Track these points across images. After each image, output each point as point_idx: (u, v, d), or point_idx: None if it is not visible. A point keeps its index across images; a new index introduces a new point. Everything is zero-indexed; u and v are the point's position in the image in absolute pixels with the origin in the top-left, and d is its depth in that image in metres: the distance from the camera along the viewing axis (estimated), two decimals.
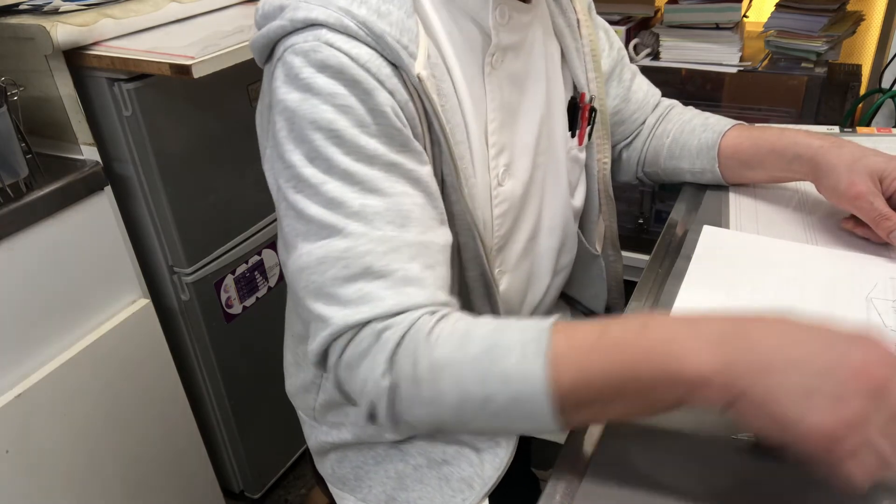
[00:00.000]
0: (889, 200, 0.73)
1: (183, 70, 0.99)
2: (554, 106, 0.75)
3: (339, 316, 0.54)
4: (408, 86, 0.58)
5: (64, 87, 1.04)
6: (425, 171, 0.59)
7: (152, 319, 1.22)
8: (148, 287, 1.22)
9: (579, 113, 0.78)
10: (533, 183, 0.72)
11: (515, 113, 0.70)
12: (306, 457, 0.93)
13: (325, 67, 0.55)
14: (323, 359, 0.58)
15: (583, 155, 0.81)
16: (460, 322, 0.54)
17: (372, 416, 0.56)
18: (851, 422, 0.43)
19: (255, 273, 1.38)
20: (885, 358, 0.45)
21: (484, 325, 0.53)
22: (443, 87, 0.61)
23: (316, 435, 0.82)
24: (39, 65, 1.02)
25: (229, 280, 1.32)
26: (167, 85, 1.11)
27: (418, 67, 0.57)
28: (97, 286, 1.12)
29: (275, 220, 1.39)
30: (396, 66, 0.57)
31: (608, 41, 0.88)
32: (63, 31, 1.00)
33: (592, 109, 0.79)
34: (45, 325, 1.05)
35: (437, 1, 0.63)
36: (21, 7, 1.08)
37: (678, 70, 1.60)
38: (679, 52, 1.59)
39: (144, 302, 1.20)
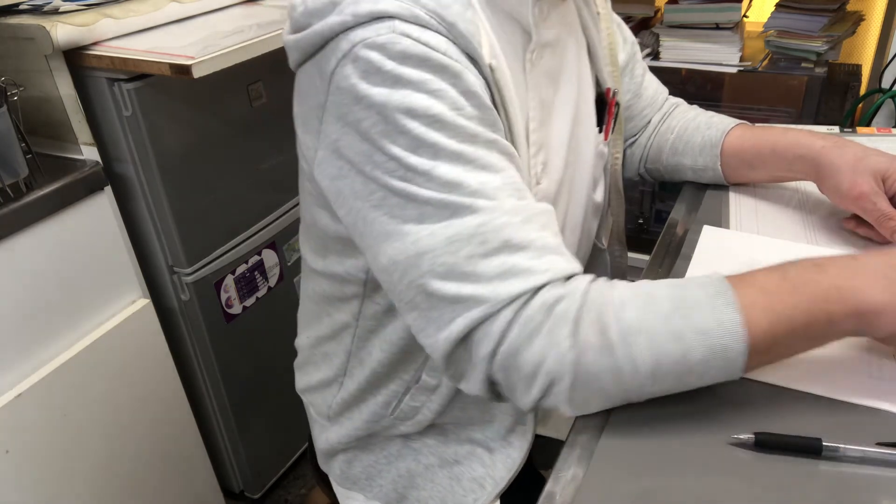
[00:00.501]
0: (892, 200, 0.73)
1: (183, 70, 0.99)
2: (583, 102, 0.75)
3: (487, 292, 0.52)
4: (480, 74, 0.57)
5: (64, 87, 1.04)
6: (513, 149, 0.59)
7: (152, 319, 1.22)
8: (148, 287, 1.22)
9: (606, 108, 0.78)
10: (563, 181, 0.72)
11: (551, 111, 0.69)
12: (306, 457, 0.93)
13: (407, 58, 0.53)
14: (458, 346, 0.55)
15: (606, 150, 0.82)
16: (632, 286, 0.54)
17: (543, 398, 0.54)
18: None
19: (255, 273, 1.38)
20: None
21: (661, 286, 0.54)
22: (505, 78, 0.60)
23: (326, 436, 0.82)
24: (39, 65, 1.02)
25: (229, 280, 1.32)
26: (167, 85, 1.11)
27: (488, 58, 0.56)
28: (97, 286, 1.12)
29: (275, 219, 1.39)
30: (468, 56, 0.56)
31: (621, 35, 0.88)
32: (63, 31, 1.00)
33: (617, 104, 0.80)
34: (45, 325, 1.05)
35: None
36: (21, 7, 1.08)
37: (678, 70, 1.60)
38: (679, 52, 1.59)
39: (144, 302, 1.20)
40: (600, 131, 0.79)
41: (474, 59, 0.56)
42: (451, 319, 0.53)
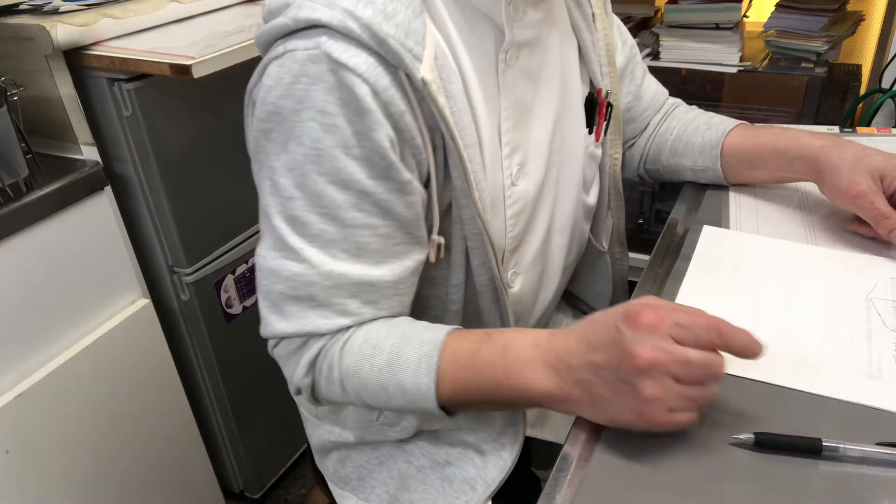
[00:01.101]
0: (890, 199, 0.73)
1: (183, 70, 0.99)
2: (570, 103, 0.74)
3: (278, 326, 0.62)
4: (407, 93, 0.57)
5: (64, 87, 1.04)
6: (403, 200, 0.60)
7: (152, 319, 1.22)
8: (148, 287, 1.22)
9: (597, 109, 0.78)
10: (547, 182, 0.72)
11: (529, 111, 0.69)
12: (306, 457, 0.93)
13: (320, 81, 0.55)
14: (265, 339, 0.66)
15: (599, 151, 0.81)
16: (372, 332, 0.62)
17: (297, 393, 0.67)
18: (652, 398, 0.50)
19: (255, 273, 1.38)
20: (648, 330, 0.51)
21: (391, 339, 0.61)
22: (451, 88, 0.60)
23: (319, 434, 0.82)
24: (39, 65, 1.02)
25: (229, 280, 1.32)
26: (167, 85, 1.11)
27: (423, 71, 0.56)
28: (97, 286, 1.12)
29: None
30: (398, 71, 0.56)
31: (620, 37, 0.87)
32: (63, 31, 1.00)
33: (609, 105, 0.79)
34: (45, 325, 1.05)
35: None
36: (21, 7, 1.08)
37: (678, 70, 1.60)
38: (679, 52, 1.59)
39: (144, 302, 1.20)
40: (591, 132, 0.78)
41: (406, 73, 0.56)
42: (260, 329, 0.65)
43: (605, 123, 0.80)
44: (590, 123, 0.78)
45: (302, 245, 0.59)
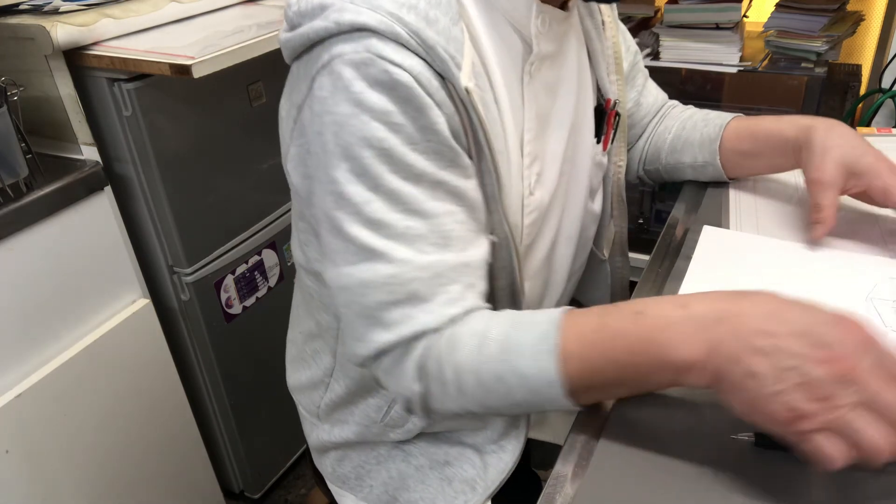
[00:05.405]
0: (860, 196, 0.74)
1: (183, 70, 0.99)
2: (583, 113, 0.75)
3: (381, 339, 0.58)
4: (454, 98, 0.57)
5: (64, 87, 1.04)
6: (471, 184, 0.60)
7: (152, 319, 1.22)
8: (148, 287, 1.22)
9: (605, 118, 0.78)
10: (558, 191, 0.72)
11: (547, 121, 0.69)
12: (306, 457, 0.93)
13: (377, 83, 0.53)
14: (362, 364, 0.63)
15: (605, 160, 0.81)
16: (477, 323, 0.58)
17: (408, 410, 0.63)
18: (816, 401, 0.45)
19: (255, 273, 1.38)
20: (859, 344, 0.46)
21: (498, 325, 0.57)
22: (486, 97, 0.60)
23: (317, 433, 0.82)
24: (39, 65, 1.02)
25: (229, 280, 1.32)
26: (167, 85, 1.11)
27: (465, 80, 0.56)
28: (97, 286, 1.12)
29: (275, 219, 1.39)
30: (443, 78, 0.56)
31: (625, 43, 0.87)
32: (63, 31, 1.00)
33: (617, 114, 0.79)
34: (45, 325, 1.05)
35: (480, 7, 0.61)
36: (21, 7, 1.08)
37: (678, 70, 1.60)
38: (679, 52, 1.59)
39: (144, 302, 1.20)
40: (598, 141, 0.78)
41: (450, 81, 0.56)
42: (355, 348, 0.61)
43: (612, 133, 0.80)
44: (597, 132, 0.78)
45: (391, 246, 0.56)
